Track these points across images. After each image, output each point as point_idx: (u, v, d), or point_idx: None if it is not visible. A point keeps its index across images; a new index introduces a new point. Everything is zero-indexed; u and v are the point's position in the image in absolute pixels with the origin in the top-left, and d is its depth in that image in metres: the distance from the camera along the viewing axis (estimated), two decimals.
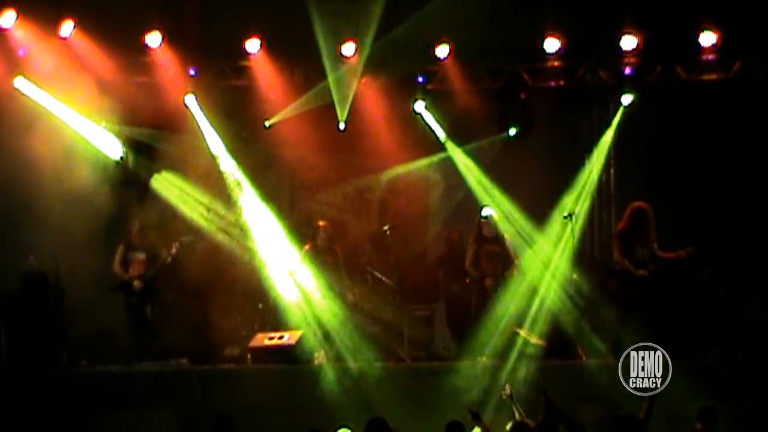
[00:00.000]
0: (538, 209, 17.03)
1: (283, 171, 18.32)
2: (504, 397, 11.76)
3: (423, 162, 17.82)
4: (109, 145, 16.82)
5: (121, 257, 16.06)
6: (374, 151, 17.53)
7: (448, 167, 17.72)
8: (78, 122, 16.49)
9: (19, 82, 16.20)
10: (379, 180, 18.27)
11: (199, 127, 16.99)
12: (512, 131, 17.41)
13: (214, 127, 17.08)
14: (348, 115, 17.01)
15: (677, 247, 15.55)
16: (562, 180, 17.56)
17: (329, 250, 16.40)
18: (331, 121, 17.10)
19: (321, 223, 16.61)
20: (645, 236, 15.52)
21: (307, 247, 16.41)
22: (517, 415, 11.40)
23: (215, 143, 17.12)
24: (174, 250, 16.07)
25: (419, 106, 17.18)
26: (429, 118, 17.31)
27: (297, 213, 18.35)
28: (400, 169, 17.88)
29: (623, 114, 17.05)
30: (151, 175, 17.01)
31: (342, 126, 17.10)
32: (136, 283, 15.95)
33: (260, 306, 16.84)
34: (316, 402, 14.43)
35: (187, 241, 16.34)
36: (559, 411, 10.80)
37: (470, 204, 17.06)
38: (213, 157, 17.11)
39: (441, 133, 17.39)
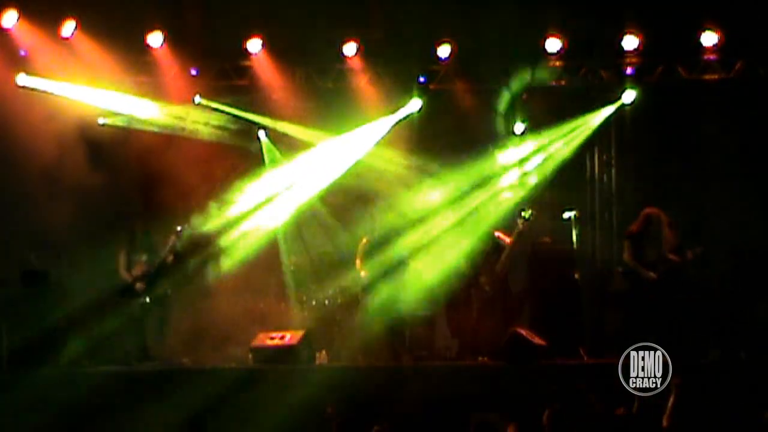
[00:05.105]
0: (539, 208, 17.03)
1: None
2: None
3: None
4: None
5: (125, 261, 16.00)
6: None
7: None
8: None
9: (22, 79, 16.23)
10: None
11: None
12: (520, 128, 17.32)
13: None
14: None
15: (682, 247, 15.58)
16: (562, 179, 17.57)
17: None
18: None
19: None
20: (656, 240, 15.52)
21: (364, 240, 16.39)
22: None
23: None
24: (171, 243, 16.02)
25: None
26: None
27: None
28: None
29: (617, 111, 17.12)
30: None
31: None
32: (139, 286, 15.90)
33: (262, 305, 16.84)
34: (317, 402, 14.41)
35: (185, 231, 16.27)
36: None
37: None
38: None
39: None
